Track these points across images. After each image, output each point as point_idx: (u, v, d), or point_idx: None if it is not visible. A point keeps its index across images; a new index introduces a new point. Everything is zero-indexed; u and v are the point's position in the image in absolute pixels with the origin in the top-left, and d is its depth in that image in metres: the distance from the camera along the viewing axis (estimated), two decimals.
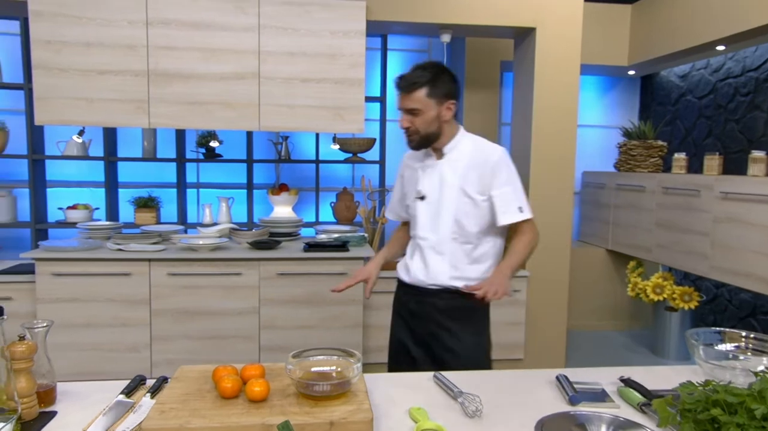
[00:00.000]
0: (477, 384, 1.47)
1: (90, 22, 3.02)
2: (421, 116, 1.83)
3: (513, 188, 1.88)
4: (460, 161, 1.89)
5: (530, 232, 1.93)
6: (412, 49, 4.64)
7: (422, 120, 1.84)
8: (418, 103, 1.82)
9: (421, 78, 1.81)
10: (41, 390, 1.29)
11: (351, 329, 3.27)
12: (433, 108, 1.83)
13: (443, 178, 1.90)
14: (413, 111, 1.83)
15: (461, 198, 1.87)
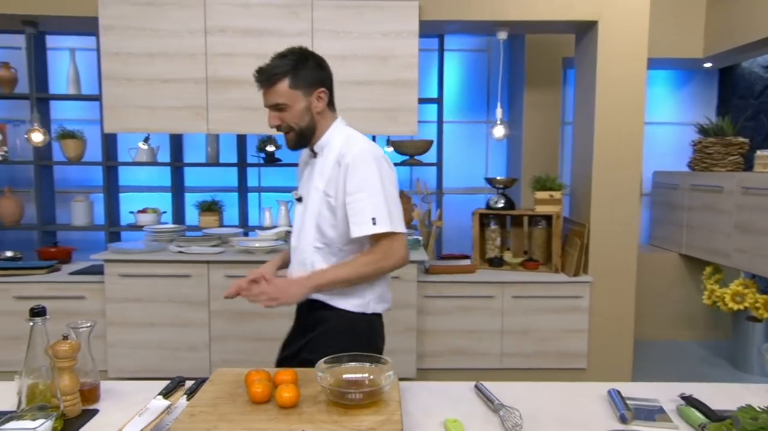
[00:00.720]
0: (522, 396, 1.39)
1: (154, 34, 3.14)
2: (289, 110, 1.62)
3: (368, 195, 1.57)
4: (329, 160, 1.65)
5: (381, 251, 1.60)
6: (471, 48, 4.56)
7: (292, 115, 1.62)
8: (283, 97, 1.61)
9: (280, 68, 1.61)
10: (85, 388, 1.33)
11: (404, 333, 3.23)
12: (300, 100, 1.62)
13: (313, 179, 1.69)
14: (279, 106, 1.62)
15: (322, 202, 1.65)
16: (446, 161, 4.32)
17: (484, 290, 3.32)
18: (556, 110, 4.26)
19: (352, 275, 1.61)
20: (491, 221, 3.61)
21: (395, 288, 3.18)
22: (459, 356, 3.35)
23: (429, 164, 4.15)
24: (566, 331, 3.36)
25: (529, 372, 3.37)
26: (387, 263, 1.63)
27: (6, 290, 3.24)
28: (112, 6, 3.13)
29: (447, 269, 3.37)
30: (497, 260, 3.54)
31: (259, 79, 1.63)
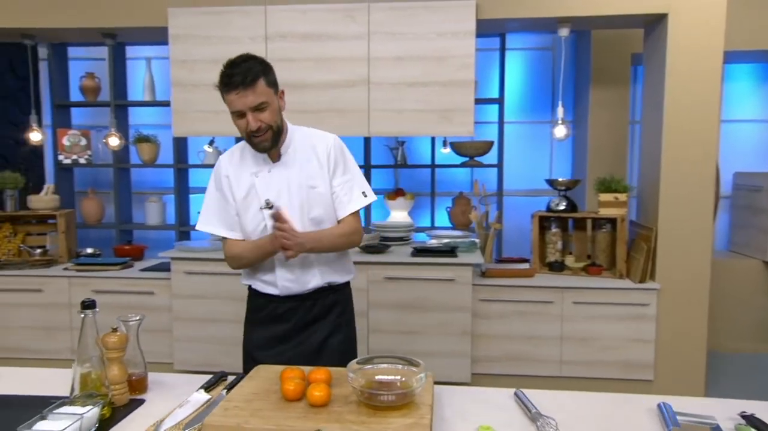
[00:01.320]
0: (564, 406, 1.34)
1: (218, 41, 3.27)
2: (269, 109, 1.65)
3: (353, 175, 1.81)
4: (298, 157, 1.75)
5: (352, 227, 1.79)
6: (535, 47, 4.44)
7: (270, 114, 1.66)
8: (263, 95, 1.63)
9: (254, 68, 1.63)
10: (133, 378, 1.40)
11: (459, 337, 3.19)
12: (274, 98, 1.69)
13: (289, 180, 1.73)
14: (261, 106, 1.63)
15: (311, 195, 1.74)
16: (508, 162, 4.23)
17: (542, 295, 3.22)
18: (624, 108, 4.08)
19: (331, 245, 1.77)
20: (552, 224, 3.49)
21: (448, 291, 3.16)
22: (516, 362, 3.27)
23: (489, 166, 4.08)
24: (631, 340, 3.20)
25: (590, 381, 3.24)
26: (355, 237, 1.82)
27: (85, 284, 3.47)
28: (181, 16, 3.28)
29: (504, 272, 3.29)
30: (558, 265, 3.43)
31: (240, 81, 1.60)
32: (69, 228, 3.83)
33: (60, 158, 4.26)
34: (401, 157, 4.22)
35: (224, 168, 1.79)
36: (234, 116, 1.67)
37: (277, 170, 1.75)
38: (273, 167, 1.75)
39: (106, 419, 1.26)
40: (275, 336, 1.83)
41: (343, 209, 1.79)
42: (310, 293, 1.81)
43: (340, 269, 1.86)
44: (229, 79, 1.62)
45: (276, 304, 1.83)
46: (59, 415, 1.16)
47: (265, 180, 1.74)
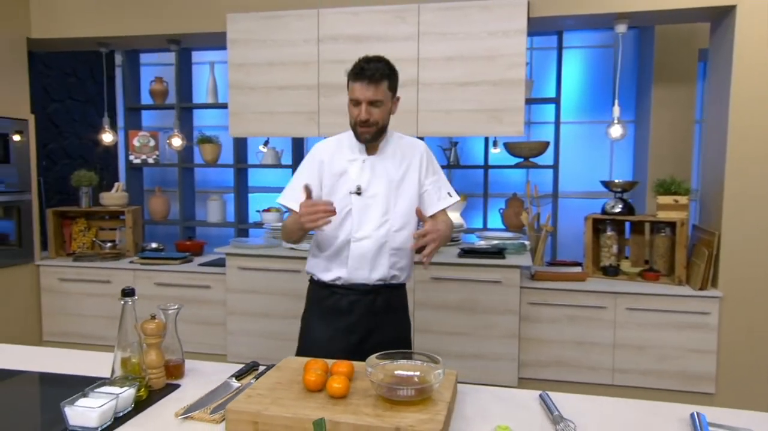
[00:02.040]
0: (589, 411, 1.31)
1: (273, 44, 3.38)
2: (382, 107, 1.81)
3: (440, 176, 1.98)
4: (395, 156, 1.90)
5: (448, 219, 1.93)
6: (595, 45, 4.30)
7: (381, 112, 1.81)
8: (382, 95, 1.79)
9: (384, 70, 1.80)
10: (171, 364, 1.48)
11: (506, 339, 3.14)
12: (389, 101, 1.85)
13: (381, 172, 1.87)
14: (376, 102, 1.79)
15: (398, 190, 1.87)
16: (565, 163, 4.12)
17: (595, 299, 3.12)
18: (689, 107, 3.89)
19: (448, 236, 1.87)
20: (607, 227, 3.38)
21: (496, 293, 3.12)
22: (566, 368, 3.18)
23: (544, 167, 4.00)
24: (691, 350, 3.05)
25: (645, 391, 3.10)
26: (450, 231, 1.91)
27: (148, 276, 3.67)
28: (239, 21, 3.42)
29: (554, 275, 3.21)
30: (612, 269, 3.31)
31: (369, 75, 1.77)
32: (136, 224, 4.06)
33: (130, 158, 4.53)
34: (454, 157, 4.20)
35: (320, 153, 1.94)
36: (351, 103, 1.84)
37: (371, 162, 1.88)
38: (368, 158, 1.89)
39: (143, 400, 1.34)
40: (338, 328, 1.90)
41: (433, 206, 1.93)
42: (372, 288, 1.88)
43: (406, 267, 1.95)
44: (361, 70, 1.79)
45: (339, 296, 1.90)
46: (99, 394, 1.25)
47: (358, 167, 1.88)
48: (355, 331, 1.89)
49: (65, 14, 3.81)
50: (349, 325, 1.89)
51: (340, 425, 1.14)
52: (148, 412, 1.29)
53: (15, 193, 3.72)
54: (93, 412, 1.17)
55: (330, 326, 1.91)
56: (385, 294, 1.91)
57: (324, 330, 1.92)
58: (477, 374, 3.17)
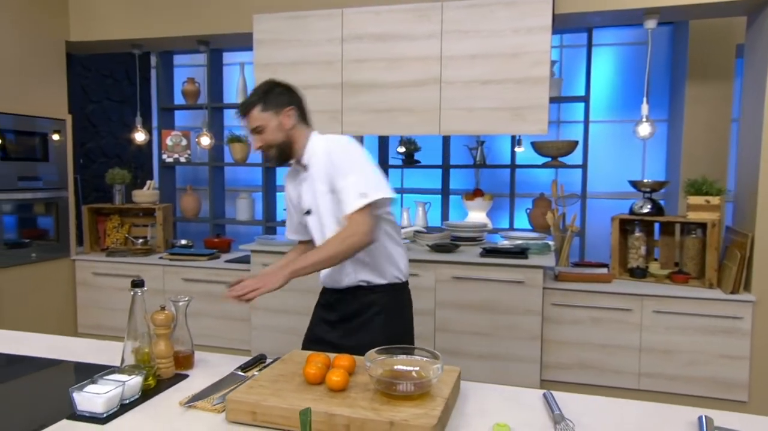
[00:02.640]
0: (594, 411, 1.29)
1: (298, 44, 3.43)
2: (266, 130, 1.85)
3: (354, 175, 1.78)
4: (319, 166, 1.86)
5: (348, 228, 1.75)
6: (627, 42, 4.21)
7: (267, 133, 1.86)
8: (258, 120, 1.85)
9: (252, 98, 1.87)
10: (180, 355, 1.51)
11: (527, 341, 3.10)
12: (272, 119, 1.86)
13: (315, 188, 1.88)
14: (257, 129, 1.86)
15: (332, 201, 1.85)
16: (595, 163, 4.05)
17: (620, 301, 3.05)
18: (725, 104, 3.76)
19: (325, 255, 1.76)
20: (635, 227, 3.30)
21: (518, 293, 3.09)
22: (589, 370, 3.12)
23: (573, 166, 3.93)
24: (722, 356, 2.95)
25: (672, 397, 3.02)
26: (353, 238, 1.75)
27: (176, 272, 3.76)
28: (265, 21, 3.47)
29: (578, 276, 3.16)
30: (639, 271, 3.23)
31: (239, 113, 1.90)
32: (166, 221, 4.17)
33: (163, 157, 4.65)
34: (480, 157, 4.17)
35: (286, 186, 2.07)
36: None
37: (306, 179, 1.93)
38: (305, 177, 1.94)
39: (152, 388, 1.38)
40: (327, 320, 2.02)
41: (345, 207, 1.78)
42: (348, 289, 1.94)
43: (375, 270, 1.92)
44: (237, 112, 1.94)
45: (327, 294, 2.04)
46: (107, 381, 1.29)
47: (300, 190, 1.96)
48: (339, 327, 1.98)
49: (101, 17, 3.94)
50: (335, 321, 1.99)
51: (335, 417, 1.15)
52: (155, 400, 1.33)
53: (53, 190, 3.87)
54: (99, 398, 1.21)
55: (320, 319, 2.06)
56: (362, 296, 1.92)
57: (316, 323, 2.07)
58: (498, 375, 3.14)
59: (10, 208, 3.58)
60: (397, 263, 1.96)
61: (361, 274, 1.91)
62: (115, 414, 1.24)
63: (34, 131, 3.73)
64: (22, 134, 3.65)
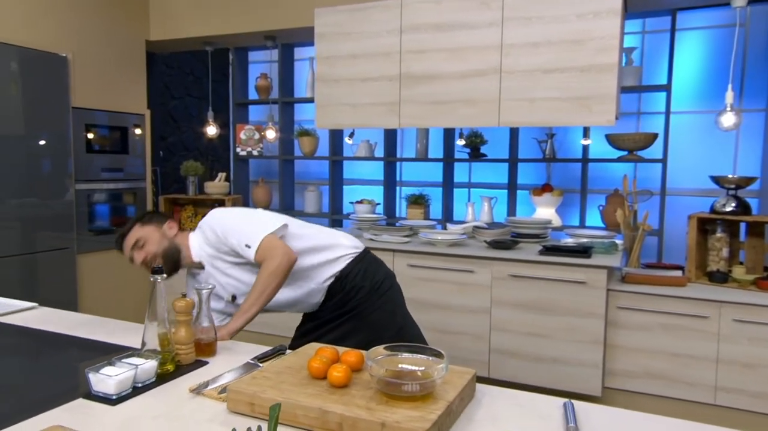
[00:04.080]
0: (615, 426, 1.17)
1: (357, 37, 3.42)
2: (147, 241, 1.86)
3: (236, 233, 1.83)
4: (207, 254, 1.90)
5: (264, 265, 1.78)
6: (719, 24, 3.84)
7: (150, 243, 1.85)
8: (137, 234, 1.86)
9: (129, 224, 1.90)
10: (202, 342, 1.54)
11: (589, 345, 2.92)
12: (154, 231, 1.88)
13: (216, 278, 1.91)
14: (138, 243, 1.85)
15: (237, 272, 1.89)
16: (679, 157, 3.74)
17: (695, 308, 2.80)
18: None
19: (258, 298, 1.78)
20: (717, 227, 3.01)
21: (579, 294, 2.91)
22: (658, 381, 2.89)
23: (651, 161, 3.66)
24: None
25: (753, 416, 2.73)
26: (272, 265, 1.77)
27: None
28: (326, 15, 3.49)
29: (647, 278, 2.93)
30: (720, 275, 2.94)
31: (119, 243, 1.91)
32: None
33: (237, 150, 4.83)
34: (550, 150, 3.98)
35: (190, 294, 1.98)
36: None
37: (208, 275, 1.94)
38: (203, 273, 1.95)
39: (170, 373, 1.41)
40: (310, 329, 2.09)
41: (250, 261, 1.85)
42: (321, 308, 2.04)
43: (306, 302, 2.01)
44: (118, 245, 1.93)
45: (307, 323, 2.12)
46: (123, 364, 1.33)
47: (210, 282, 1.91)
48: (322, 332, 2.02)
49: (176, 17, 4.14)
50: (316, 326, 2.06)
51: (328, 414, 1.12)
52: (169, 385, 1.36)
53: (133, 180, 4.13)
54: (111, 380, 1.25)
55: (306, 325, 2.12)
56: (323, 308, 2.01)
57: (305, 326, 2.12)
58: (556, 379, 2.99)
59: (95, 197, 3.85)
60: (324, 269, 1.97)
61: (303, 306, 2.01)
62: (127, 396, 1.28)
63: (116, 126, 3.98)
64: (106, 128, 3.91)
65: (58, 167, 3.58)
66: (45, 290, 3.48)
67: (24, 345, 1.69)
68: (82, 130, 3.73)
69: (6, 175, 3.31)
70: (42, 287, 3.49)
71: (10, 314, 1.94)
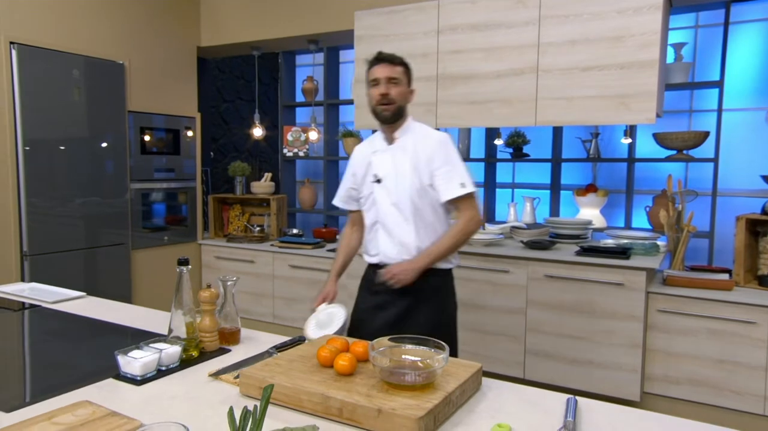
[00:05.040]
0: (611, 423, 1.16)
1: (395, 38, 3.46)
2: (399, 87, 1.98)
3: (453, 167, 1.98)
4: (409, 145, 2.01)
5: (465, 217, 1.99)
6: None
7: (399, 91, 1.98)
8: (399, 74, 1.98)
9: (401, 59, 2.02)
10: (226, 331, 1.62)
11: (627, 348, 2.85)
12: (406, 84, 2.02)
13: (396, 161, 2.01)
14: (394, 80, 1.97)
15: (413, 179, 1.98)
16: (732, 156, 3.58)
17: (741, 312, 2.68)
18: None
19: (445, 247, 1.99)
20: None
21: (617, 296, 2.85)
22: (703, 388, 2.78)
23: (701, 160, 3.52)
24: None
25: None
26: (470, 227, 2.01)
27: (284, 259, 4.01)
28: (365, 18, 3.56)
29: (690, 281, 2.83)
30: None
31: (384, 57, 2.01)
32: (280, 211, 4.45)
33: (284, 151, 4.97)
34: (595, 150, 3.90)
35: (355, 153, 2.21)
36: (370, 86, 2.03)
37: (390, 152, 2.06)
38: (387, 149, 2.07)
39: (194, 359, 1.50)
40: (375, 304, 2.08)
41: (441, 194, 2.01)
42: None
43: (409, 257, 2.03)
44: (380, 55, 2.03)
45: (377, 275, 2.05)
46: (150, 348, 1.43)
47: (379, 158, 2.07)
48: (387, 308, 2.03)
49: (225, 23, 4.32)
50: (383, 302, 2.04)
51: (330, 399, 1.17)
52: (191, 369, 1.45)
53: (184, 180, 4.33)
54: (137, 362, 1.35)
55: (368, 303, 2.12)
56: (420, 278, 1.98)
57: (363, 305, 2.14)
58: (593, 383, 2.93)
59: (148, 197, 4.07)
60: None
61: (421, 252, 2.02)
62: (151, 378, 1.37)
63: (169, 128, 4.19)
64: (159, 131, 4.12)
65: (117, 168, 3.81)
66: (103, 283, 3.71)
67: (69, 330, 1.83)
68: (138, 132, 3.95)
69: (74, 176, 3.56)
70: (100, 279, 3.72)
71: (61, 302, 2.10)
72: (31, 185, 3.33)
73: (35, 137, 3.33)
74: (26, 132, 3.28)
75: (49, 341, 1.76)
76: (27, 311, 2.01)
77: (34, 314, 1.98)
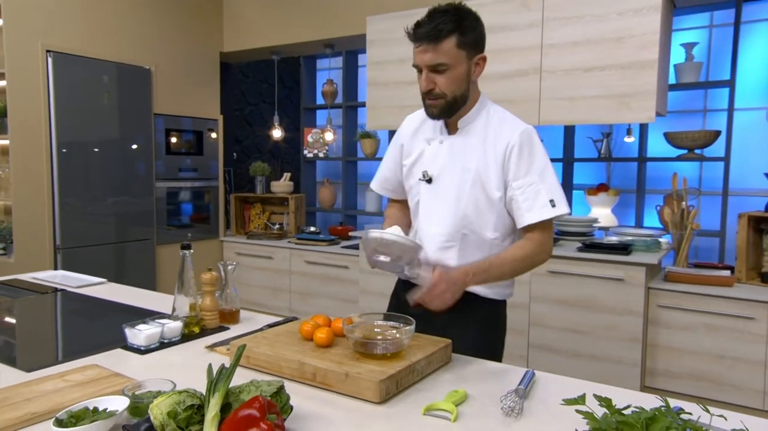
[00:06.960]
0: (560, 393, 1.26)
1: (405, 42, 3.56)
2: (449, 72, 1.43)
3: (542, 177, 1.45)
4: (476, 138, 1.50)
5: (536, 242, 1.46)
6: None
7: (449, 79, 1.43)
8: (446, 56, 1.41)
9: (447, 24, 1.39)
10: (226, 311, 1.77)
11: (627, 343, 2.90)
12: (463, 62, 1.44)
13: (455, 158, 1.51)
14: (440, 67, 1.42)
15: (475, 188, 1.49)
16: (735, 155, 3.59)
17: (740, 308, 2.71)
18: None
19: (510, 271, 1.47)
20: None
21: (618, 291, 2.90)
22: (703, 382, 2.82)
23: (712, 159, 3.54)
24: None
25: None
26: (540, 257, 1.49)
27: (301, 255, 4.17)
28: (377, 22, 3.70)
29: (690, 278, 2.86)
30: None
31: (424, 35, 1.43)
32: (298, 209, 4.62)
33: (304, 152, 5.14)
34: (606, 149, 3.95)
35: (402, 133, 1.71)
36: (417, 71, 1.51)
37: (448, 143, 1.56)
38: (446, 140, 1.57)
39: (195, 334, 1.65)
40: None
41: (521, 217, 1.48)
42: None
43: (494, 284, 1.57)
44: (415, 29, 1.47)
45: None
46: (155, 323, 1.58)
47: (434, 150, 1.58)
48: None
49: (247, 29, 4.52)
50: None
51: (305, 365, 1.30)
52: (191, 343, 1.60)
53: (207, 180, 4.53)
54: (141, 333, 1.50)
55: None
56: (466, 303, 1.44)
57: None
58: (594, 376, 2.98)
59: (171, 195, 4.28)
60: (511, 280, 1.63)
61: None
62: (154, 349, 1.52)
63: (193, 130, 4.40)
64: (183, 133, 4.34)
65: (144, 168, 4.04)
66: (129, 275, 3.94)
67: (88, 310, 2.01)
68: (163, 134, 4.17)
69: (106, 177, 3.80)
70: (127, 271, 3.94)
71: (85, 287, 2.29)
72: (64, 185, 3.57)
73: (69, 139, 3.57)
74: (60, 135, 3.52)
75: (71, 318, 1.94)
76: (55, 295, 2.20)
77: (61, 297, 2.17)
